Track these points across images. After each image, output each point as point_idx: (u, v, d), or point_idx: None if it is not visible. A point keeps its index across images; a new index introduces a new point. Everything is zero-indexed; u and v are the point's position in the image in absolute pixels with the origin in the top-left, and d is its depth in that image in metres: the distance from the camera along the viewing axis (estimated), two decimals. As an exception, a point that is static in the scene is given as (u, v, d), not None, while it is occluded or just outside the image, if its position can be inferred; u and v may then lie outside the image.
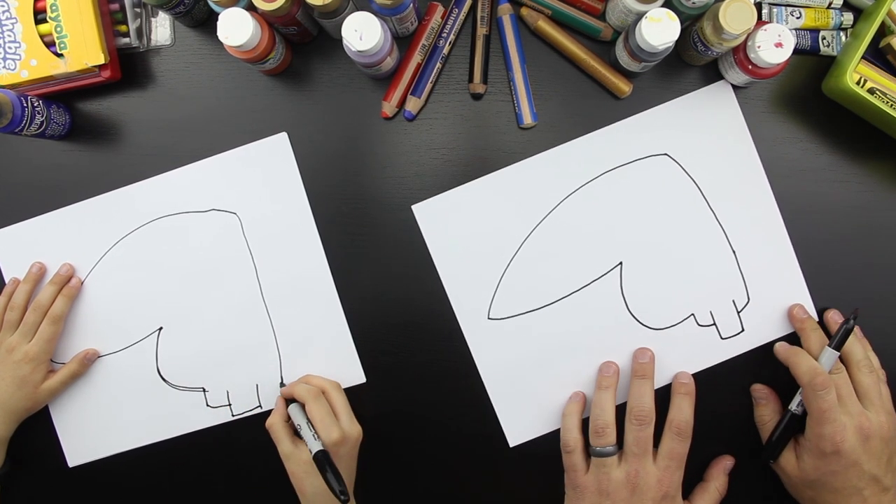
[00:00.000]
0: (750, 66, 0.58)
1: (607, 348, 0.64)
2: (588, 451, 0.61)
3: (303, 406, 0.62)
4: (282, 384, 0.66)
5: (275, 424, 0.62)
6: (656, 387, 0.63)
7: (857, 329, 0.59)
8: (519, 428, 0.65)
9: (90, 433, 0.68)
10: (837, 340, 0.58)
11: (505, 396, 0.65)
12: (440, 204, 0.65)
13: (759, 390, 0.63)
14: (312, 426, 0.61)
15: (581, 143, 0.64)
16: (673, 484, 0.59)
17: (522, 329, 0.64)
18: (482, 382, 0.65)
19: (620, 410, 0.62)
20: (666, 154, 0.63)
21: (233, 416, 0.67)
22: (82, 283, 0.67)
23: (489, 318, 0.65)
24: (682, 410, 0.61)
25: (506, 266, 0.64)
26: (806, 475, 0.58)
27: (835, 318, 0.62)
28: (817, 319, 0.63)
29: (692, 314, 0.64)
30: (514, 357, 0.65)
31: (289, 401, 0.64)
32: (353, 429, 0.62)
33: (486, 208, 0.64)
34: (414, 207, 0.65)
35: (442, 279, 0.65)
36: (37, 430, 0.68)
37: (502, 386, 0.65)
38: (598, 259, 0.64)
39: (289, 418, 0.63)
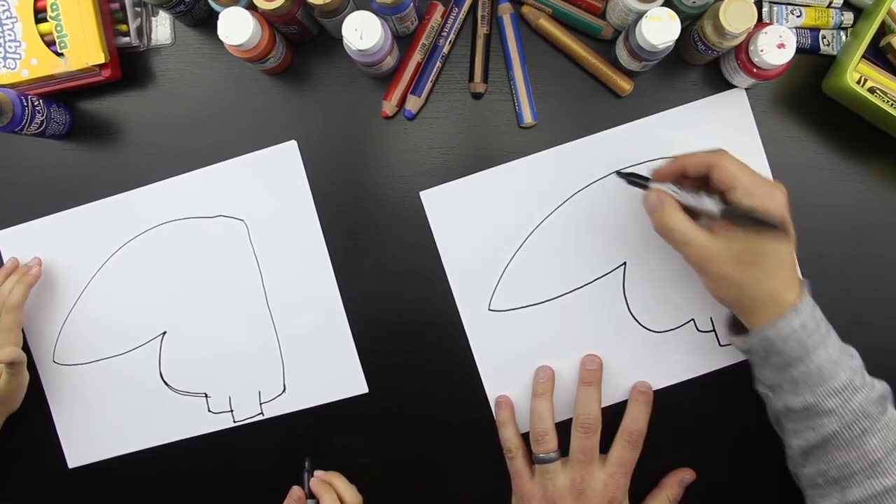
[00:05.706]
0: (755, 70, 0.58)
1: (605, 347, 0.64)
2: (531, 457, 0.62)
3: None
4: (304, 484, 0.64)
5: None
6: (654, 388, 0.63)
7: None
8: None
9: (91, 434, 0.68)
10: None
11: (500, 388, 0.65)
12: (448, 192, 0.64)
13: None
14: None
15: (593, 140, 0.64)
16: (619, 489, 0.59)
17: (523, 322, 0.64)
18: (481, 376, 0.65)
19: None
20: None
21: (234, 422, 0.67)
22: (41, 272, 0.66)
23: (490, 310, 0.65)
24: (638, 419, 0.61)
25: (510, 258, 0.64)
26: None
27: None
28: None
29: (692, 319, 0.64)
30: (513, 349, 0.64)
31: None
32: None
33: (493, 199, 0.64)
34: (422, 194, 0.65)
35: (445, 268, 0.65)
36: (37, 429, 0.68)
37: (499, 377, 0.65)
38: (603, 258, 0.64)
39: None
